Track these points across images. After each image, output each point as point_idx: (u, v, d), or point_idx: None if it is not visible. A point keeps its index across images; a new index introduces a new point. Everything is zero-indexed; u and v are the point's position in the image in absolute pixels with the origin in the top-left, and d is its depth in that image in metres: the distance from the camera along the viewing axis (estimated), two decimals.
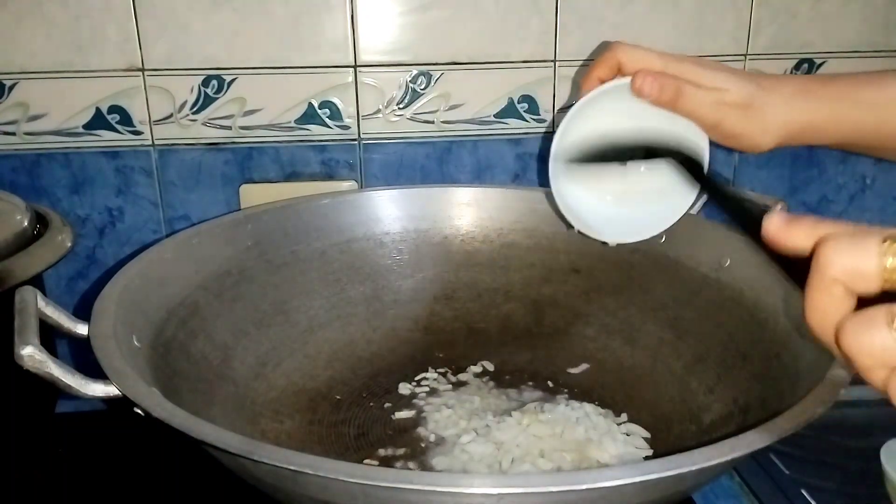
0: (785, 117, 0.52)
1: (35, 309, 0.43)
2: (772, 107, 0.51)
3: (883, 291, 0.26)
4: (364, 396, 0.58)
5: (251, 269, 0.60)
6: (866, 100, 0.52)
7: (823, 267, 0.27)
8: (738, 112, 0.51)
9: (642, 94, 0.51)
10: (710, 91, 0.51)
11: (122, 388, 0.39)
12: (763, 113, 0.51)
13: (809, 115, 0.52)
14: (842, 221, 0.28)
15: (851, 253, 0.26)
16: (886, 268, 0.25)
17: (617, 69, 0.53)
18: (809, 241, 0.28)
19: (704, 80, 0.51)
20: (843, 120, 0.52)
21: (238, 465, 0.39)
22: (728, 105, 0.51)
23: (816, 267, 0.27)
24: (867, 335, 0.25)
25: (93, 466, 0.60)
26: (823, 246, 0.27)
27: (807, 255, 0.28)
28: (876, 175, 0.82)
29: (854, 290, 0.26)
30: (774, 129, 0.52)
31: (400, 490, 0.33)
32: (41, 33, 0.67)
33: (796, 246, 0.29)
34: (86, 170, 0.71)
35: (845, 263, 0.26)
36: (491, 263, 0.67)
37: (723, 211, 0.40)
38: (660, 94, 0.50)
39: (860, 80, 0.53)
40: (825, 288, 0.27)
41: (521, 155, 0.76)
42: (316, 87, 0.71)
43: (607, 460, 0.50)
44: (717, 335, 0.56)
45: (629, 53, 0.52)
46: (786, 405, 0.39)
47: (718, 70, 0.52)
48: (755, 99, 0.51)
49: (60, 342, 0.66)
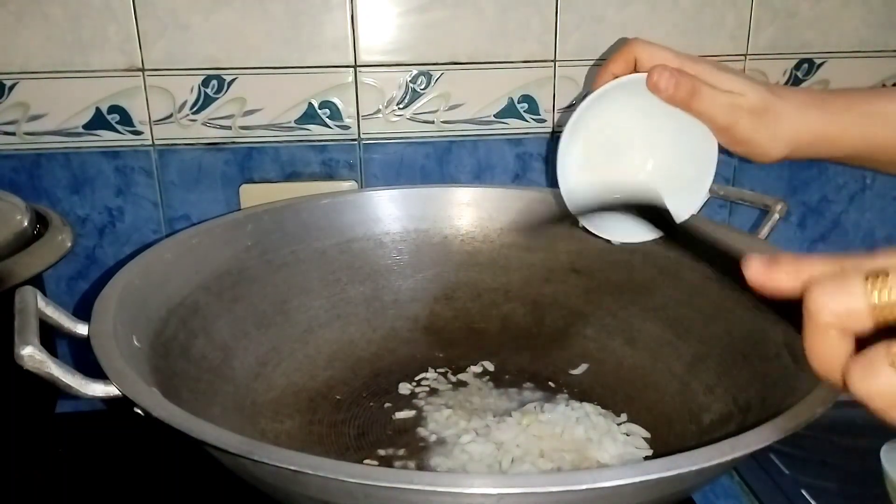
0: (797, 126, 0.51)
1: (35, 309, 0.43)
2: (785, 114, 0.51)
3: (878, 327, 0.26)
4: (364, 396, 0.58)
5: (251, 269, 0.60)
6: (880, 112, 0.52)
7: (815, 314, 0.27)
8: (752, 117, 0.51)
9: (658, 90, 0.51)
10: (725, 93, 0.51)
11: (122, 388, 0.39)
12: (776, 120, 0.51)
13: (822, 125, 0.52)
14: (820, 256, 0.28)
15: (838, 296, 0.26)
16: (876, 305, 0.26)
17: (633, 65, 0.53)
18: (795, 282, 0.28)
19: (720, 82, 0.51)
20: (854, 131, 0.52)
21: (238, 465, 0.39)
22: (742, 109, 0.51)
23: (808, 314, 0.27)
24: (873, 379, 0.25)
25: (93, 466, 0.60)
26: (810, 293, 0.27)
27: (796, 296, 0.28)
28: (876, 175, 0.82)
29: (848, 331, 0.26)
30: (786, 137, 0.52)
31: (400, 490, 0.33)
32: (41, 33, 0.67)
33: (782, 289, 0.29)
34: (86, 170, 0.71)
35: (834, 308, 0.26)
36: (491, 263, 0.67)
37: (701, 260, 0.40)
38: (675, 91, 0.50)
39: (874, 93, 0.53)
40: (820, 334, 0.27)
41: (521, 155, 0.76)
42: (316, 87, 0.71)
43: (607, 460, 0.50)
44: (717, 335, 0.56)
45: (646, 50, 0.52)
46: (786, 405, 0.39)
47: (735, 74, 0.52)
48: (770, 105, 0.51)
49: (60, 342, 0.66)
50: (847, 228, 0.83)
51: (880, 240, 0.84)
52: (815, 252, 0.83)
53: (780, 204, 0.60)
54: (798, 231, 0.83)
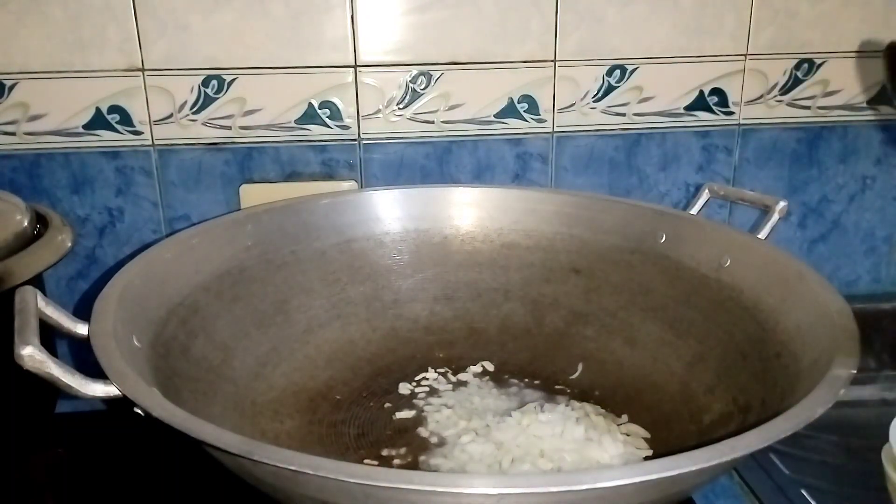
0: None
1: (35, 309, 0.43)
2: None
3: None
4: (364, 396, 0.58)
5: (251, 269, 0.60)
6: None
7: None
8: None
9: None
10: None
11: (122, 388, 0.39)
12: None
13: None
14: None
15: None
16: None
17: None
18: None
19: None
20: None
21: (238, 465, 0.39)
22: None
23: None
24: None
25: (93, 466, 0.60)
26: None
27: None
28: (876, 175, 0.82)
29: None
30: None
31: (400, 490, 0.33)
32: (41, 33, 0.67)
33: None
34: (86, 170, 0.71)
35: None
36: (491, 263, 0.67)
37: None
38: None
39: None
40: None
41: (521, 155, 0.76)
42: (316, 87, 0.71)
43: (607, 460, 0.50)
44: (717, 335, 0.56)
45: None
46: (786, 405, 0.39)
47: None
48: None
49: (60, 342, 0.67)
50: (847, 228, 0.83)
51: (880, 240, 0.84)
52: (815, 252, 0.83)
53: (780, 204, 0.60)
54: (798, 231, 0.83)
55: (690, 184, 0.79)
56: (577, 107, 0.75)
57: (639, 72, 0.75)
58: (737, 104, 0.77)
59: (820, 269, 0.53)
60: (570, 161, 0.77)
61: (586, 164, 0.77)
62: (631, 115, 0.76)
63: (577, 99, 0.75)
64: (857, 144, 0.80)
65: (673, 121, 0.77)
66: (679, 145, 0.78)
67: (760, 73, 0.76)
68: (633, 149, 0.77)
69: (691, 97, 0.76)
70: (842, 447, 0.57)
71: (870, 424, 0.56)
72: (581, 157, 0.77)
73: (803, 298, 0.50)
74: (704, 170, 0.79)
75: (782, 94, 0.78)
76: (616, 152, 0.77)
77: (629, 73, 0.75)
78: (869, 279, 0.85)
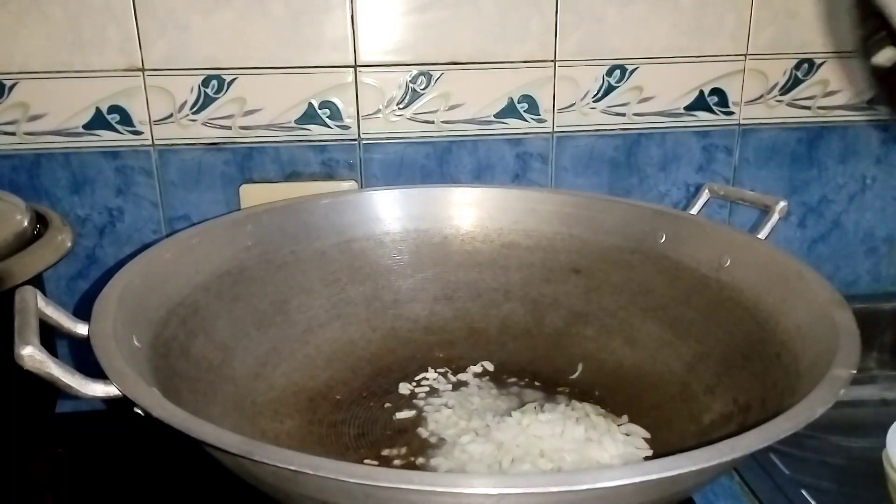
0: None
1: (35, 309, 0.43)
2: None
3: None
4: (364, 396, 0.58)
5: (251, 269, 0.60)
6: None
7: None
8: None
9: None
10: None
11: (122, 388, 0.39)
12: None
13: None
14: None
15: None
16: None
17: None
18: None
19: None
20: None
21: (238, 465, 0.39)
22: None
23: None
24: None
25: (93, 466, 0.60)
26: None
27: None
28: (876, 175, 0.82)
29: None
30: None
31: (400, 490, 0.33)
32: (41, 33, 0.67)
33: None
34: (86, 170, 0.71)
35: None
36: (491, 263, 0.67)
37: None
38: None
39: None
40: None
41: (521, 155, 0.76)
42: (316, 87, 0.71)
43: (607, 460, 0.50)
44: (717, 335, 0.56)
45: None
46: (786, 405, 0.39)
47: None
48: None
49: (60, 342, 0.66)
50: (847, 228, 0.83)
51: (880, 240, 0.84)
52: (815, 252, 0.83)
53: (780, 204, 0.60)
54: (798, 231, 0.83)
55: (690, 184, 0.79)
56: (577, 107, 0.75)
57: (639, 72, 0.75)
58: (737, 104, 0.77)
59: (820, 269, 0.53)
60: (570, 161, 0.77)
61: (586, 164, 0.77)
62: (631, 115, 0.76)
63: (577, 99, 0.75)
64: (857, 144, 0.80)
65: (673, 121, 0.77)
66: (679, 145, 0.78)
67: (760, 73, 0.76)
68: (632, 149, 0.77)
69: (691, 97, 0.76)
70: (842, 447, 0.57)
71: (870, 424, 0.56)
72: (581, 157, 0.77)
73: (803, 298, 0.50)
74: (704, 170, 0.79)
75: (782, 94, 0.78)
76: (616, 152, 0.77)
77: (629, 73, 0.75)
78: (869, 279, 0.85)
